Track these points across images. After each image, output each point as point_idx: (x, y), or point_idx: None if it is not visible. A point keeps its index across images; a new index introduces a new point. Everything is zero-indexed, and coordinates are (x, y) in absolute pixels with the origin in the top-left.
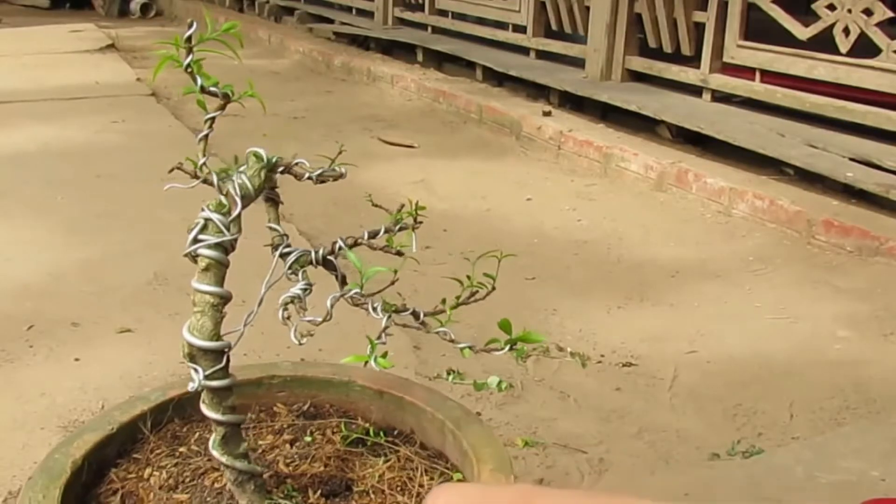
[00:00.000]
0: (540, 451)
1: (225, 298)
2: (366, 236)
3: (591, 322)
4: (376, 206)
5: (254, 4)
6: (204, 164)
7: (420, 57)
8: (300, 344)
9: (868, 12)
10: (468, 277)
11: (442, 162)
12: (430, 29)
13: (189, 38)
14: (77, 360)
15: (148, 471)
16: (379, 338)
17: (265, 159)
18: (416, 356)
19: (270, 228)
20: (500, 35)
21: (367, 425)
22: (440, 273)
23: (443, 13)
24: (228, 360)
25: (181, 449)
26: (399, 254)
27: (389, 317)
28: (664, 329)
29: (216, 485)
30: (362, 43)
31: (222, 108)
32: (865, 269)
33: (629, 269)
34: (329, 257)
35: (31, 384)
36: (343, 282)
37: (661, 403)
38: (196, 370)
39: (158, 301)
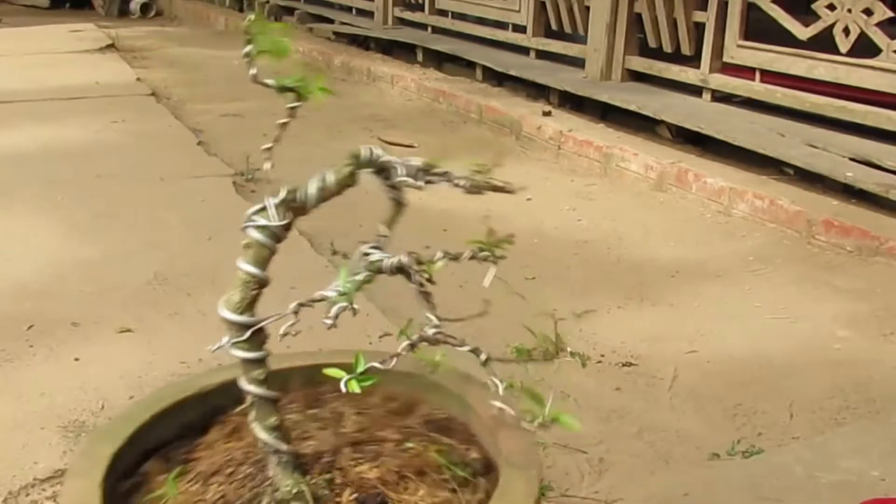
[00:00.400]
0: (540, 451)
1: (258, 279)
2: (440, 254)
3: (591, 322)
4: (489, 228)
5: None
6: (269, 148)
7: (420, 57)
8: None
9: (868, 12)
10: (557, 337)
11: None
12: (430, 29)
13: (248, 30)
14: (77, 359)
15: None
16: (384, 361)
17: (359, 157)
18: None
19: (380, 228)
20: (500, 35)
21: (471, 457)
22: (439, 273)
23: (443, 13)
24: (263, 338)
25: (311, 411)
26: (430, 281)
27: (412, 346)
28: (664, 329)
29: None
30: (362, 43)
31: (299, 99)
32: (865, 269)
33: (629, 269)
34: (406, 267)
35: (31, 384)
36: (424, 294)
37: (661, 403)
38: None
39: (158, 301)
